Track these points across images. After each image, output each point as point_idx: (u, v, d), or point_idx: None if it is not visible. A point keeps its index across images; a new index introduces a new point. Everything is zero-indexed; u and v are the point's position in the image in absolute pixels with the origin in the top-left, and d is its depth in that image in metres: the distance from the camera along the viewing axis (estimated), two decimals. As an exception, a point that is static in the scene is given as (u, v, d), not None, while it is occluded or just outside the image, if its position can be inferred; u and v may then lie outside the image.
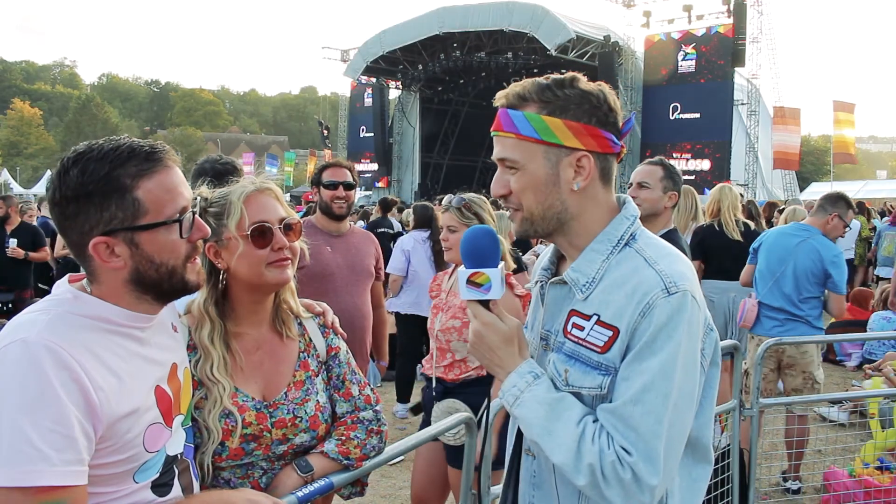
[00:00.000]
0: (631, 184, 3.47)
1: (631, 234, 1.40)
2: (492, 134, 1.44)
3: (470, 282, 1.39)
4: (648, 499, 1.27)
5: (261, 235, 1.66)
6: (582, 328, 1.36)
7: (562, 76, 1.40)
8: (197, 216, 1.39)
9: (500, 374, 1.40)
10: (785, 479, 4.36)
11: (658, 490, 1.27)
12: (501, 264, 1.42)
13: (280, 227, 1.69)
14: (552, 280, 1.48)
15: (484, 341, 1.39)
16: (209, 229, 1.44)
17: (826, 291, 4.40)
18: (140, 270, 1.32)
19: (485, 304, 1.40)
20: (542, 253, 1.65)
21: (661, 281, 1.30)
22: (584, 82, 1.39)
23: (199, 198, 1.68)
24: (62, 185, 1.27)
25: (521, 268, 5.20)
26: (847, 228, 4.55)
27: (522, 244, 6.64)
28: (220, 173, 2.63)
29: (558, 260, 1.54)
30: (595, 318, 1.34)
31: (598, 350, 1.33)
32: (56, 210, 1.30)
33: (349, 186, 3.64)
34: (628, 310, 1.30)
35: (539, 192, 1.39)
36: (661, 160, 3.54)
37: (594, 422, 1.31)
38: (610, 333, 1.32)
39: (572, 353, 1.37)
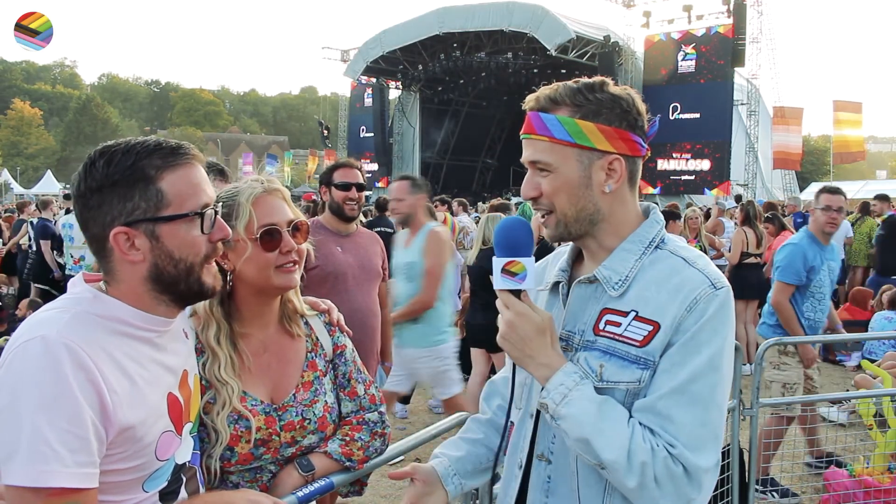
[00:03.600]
0: None
1: (661, 238, 1.44)
2: (522, 137, 1.45)
3: (505, 271, 1.38)
4: (696, 493, 1.28)
5: (270, 238, 1.64)
6: (618, 324, 1.37)
7: (591, 80, 1.43)
8: (219, 216, 1.38)
9: (531, 365, 1.38)
10: (763, 488, 4.23)
11: (707, 479, 1.28)
12: (533, 258, 1.42)
13: (288, 230, 1.68)
14: (579, 280, 1.47)
15: (516, 331, 1.38)
16: (230, 231, 1.42)
17: None
18: (159, 266, 1.31)
19: (516, 294, 1.40)
20: (553, 256, 1.65)
21: (707, 278, 1.35)
22: (612, 86, 1.42)
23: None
24: (87, 177, 1.28)
25: None
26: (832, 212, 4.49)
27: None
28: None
29: (574, 262, 1.55)
30: (633, 314, 1.36)
31: (637, 344, 1.34)
32: (79, 203, 1.30)
33: (361, 188, 3.64)
34: (672, 306, 1.33)
35: (572, 194, 1.41)
36: None
37: (640, 424, 1.31)
38: (650, 328, 1.34)
39: (608, 349, 1.38)
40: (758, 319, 7.97)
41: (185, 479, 1.43)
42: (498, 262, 1.38)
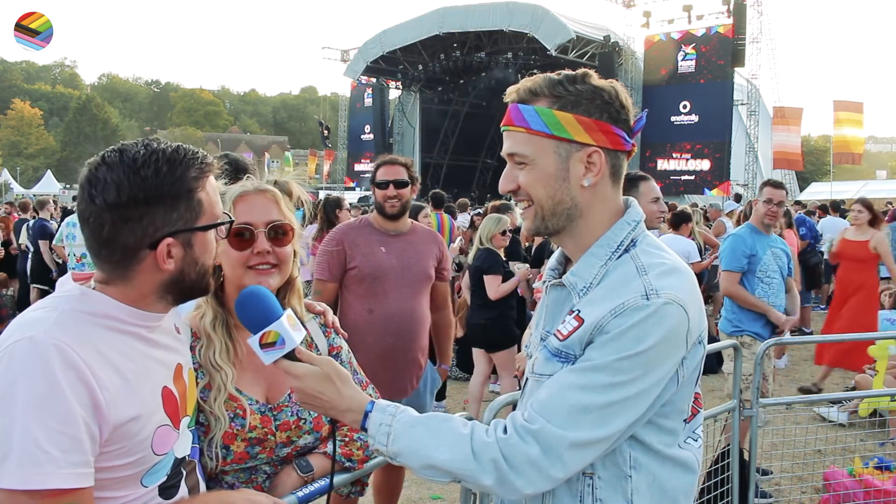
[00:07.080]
0: None
1: (632, 240, 1.38)
2: (501, 129, 1.42)
3: (264, 346, 1.36)
4: (560, 471, 1.24)
5: (238, 237, 1.64)
6: (564, 322, 1.37)
7: (573, 72, 1.39)
8: None
9: (338, 416, 1.38)
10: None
11: (569, 460, 1.24)
12: (287, 311, 1.41)
13: (265, 231, 1.67)
14: (553, 282, 1.47)
15: (306, 392, 1.37)
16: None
17: None
18: (184, 272, 1.33)
19: (291, 356, 1.38)
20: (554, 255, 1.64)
21: (643, 288, 1.28)
22: (595, 78, 1.38)
23: None
24: (132, 186, 1.24)
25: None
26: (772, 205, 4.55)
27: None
28: (237, 171, 2.59)
29: (566, 261, 1.53)
30: (576, 312, 1.34)
31: (560, 337, 1.34)
32: (115, 212, 1.24)
33: (401, 184, 3.45)
34: (601, 307, 1.29)
35: (549, 186, 1.37)
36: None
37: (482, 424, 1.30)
38: (576, 323, 1.32)
39: (546, 343, 1.39)
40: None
41: (185, 473, 1.43)
42: (254, 342, 1.37)
